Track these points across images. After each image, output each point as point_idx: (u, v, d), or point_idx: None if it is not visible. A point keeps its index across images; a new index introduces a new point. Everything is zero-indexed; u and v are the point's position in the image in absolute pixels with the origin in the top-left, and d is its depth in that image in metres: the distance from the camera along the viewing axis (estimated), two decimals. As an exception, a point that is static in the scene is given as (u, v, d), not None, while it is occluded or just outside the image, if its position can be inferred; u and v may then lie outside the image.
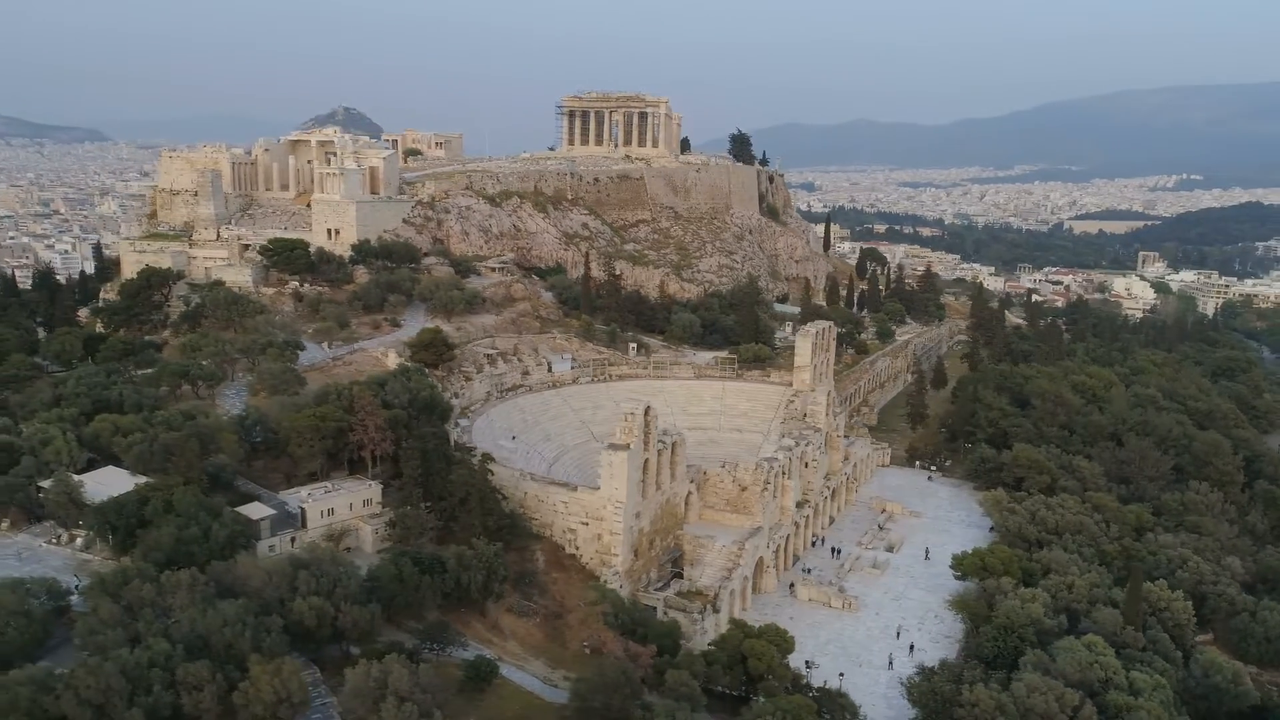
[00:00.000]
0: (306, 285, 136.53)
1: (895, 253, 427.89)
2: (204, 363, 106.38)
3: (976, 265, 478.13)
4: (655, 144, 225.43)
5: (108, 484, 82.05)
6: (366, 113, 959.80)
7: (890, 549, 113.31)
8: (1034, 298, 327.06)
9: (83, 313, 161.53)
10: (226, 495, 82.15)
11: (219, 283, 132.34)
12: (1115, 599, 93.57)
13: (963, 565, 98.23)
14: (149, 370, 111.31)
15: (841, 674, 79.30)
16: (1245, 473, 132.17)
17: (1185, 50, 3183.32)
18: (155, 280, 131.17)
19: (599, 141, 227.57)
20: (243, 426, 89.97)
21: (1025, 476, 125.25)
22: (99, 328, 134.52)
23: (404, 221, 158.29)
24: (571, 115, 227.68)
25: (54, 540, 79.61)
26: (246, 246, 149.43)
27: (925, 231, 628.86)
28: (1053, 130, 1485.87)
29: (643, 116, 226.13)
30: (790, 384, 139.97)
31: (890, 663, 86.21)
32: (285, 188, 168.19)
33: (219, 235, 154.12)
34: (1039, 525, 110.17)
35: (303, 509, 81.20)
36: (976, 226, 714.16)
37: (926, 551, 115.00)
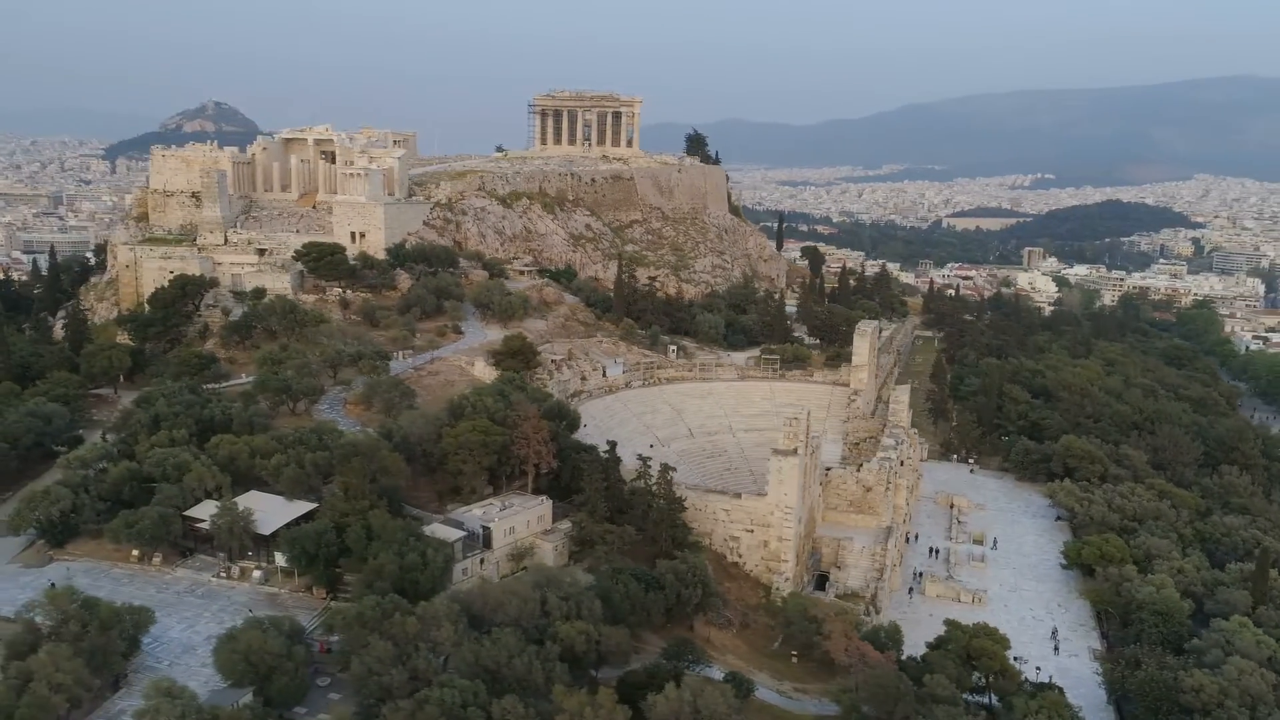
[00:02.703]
0: (349, 292, 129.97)
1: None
2: (290, 375, 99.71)
3: (882, 261, 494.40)
4: (630, 144, 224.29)
5: (267, 510, 76.30)
6: (239, 107, 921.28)
7: (978, 542, 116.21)
8: (949, 293, 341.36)
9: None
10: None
11: (260, 290, 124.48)
12: (1222, 579, 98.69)
13: (1081, 554, 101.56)
14: (214, 385, 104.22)
15: (1039, 668, 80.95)
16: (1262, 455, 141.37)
17: (1032, 57, 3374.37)
18: (190, 289, 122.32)
19: (571, 141, 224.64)
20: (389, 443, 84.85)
21: (1077, 466, 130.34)
22: (119, 339, 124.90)
23: (424, 224, 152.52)
24: (544, 114, 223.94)
25: (223, 574, 73.46)
26: (262, 251, 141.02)
27: (821, 229, 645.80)
28: (914, 131, 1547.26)
29: (616, 116, 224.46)
30: (834, 383, 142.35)
31: (1056, 650, 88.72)
32: (286, 188, 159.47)
33: (226, 239, 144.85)
34: (1118, 512, 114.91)
35: (488, 528, 77.39)
36: (864, 224, 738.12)
37: (994, 541, 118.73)
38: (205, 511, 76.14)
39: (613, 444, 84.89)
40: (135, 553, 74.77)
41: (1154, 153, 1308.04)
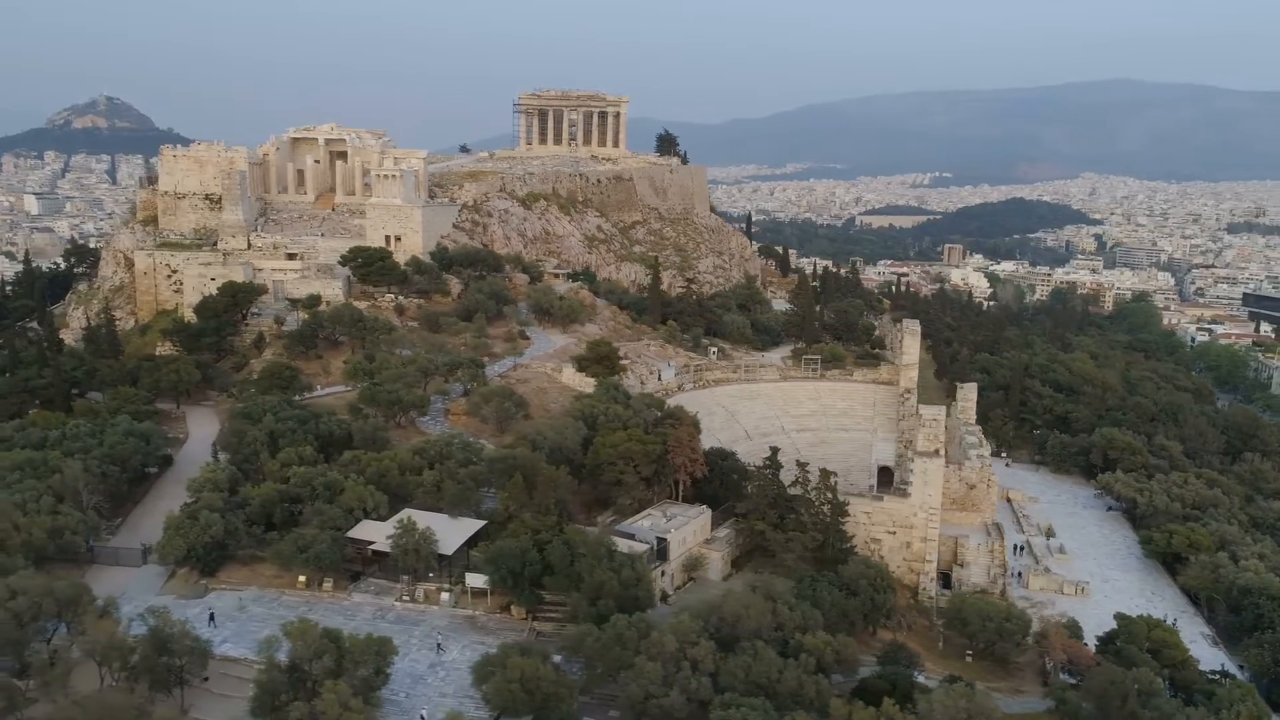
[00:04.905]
0: (400, 297, 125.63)
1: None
2: (398, 386, 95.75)
3: (815, 258, 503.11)
4: (617, 144, 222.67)
5: (436, 528, 72.95)
6: (133, 102, 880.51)
7: (1049, 535, 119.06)
8: (892, 289, 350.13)
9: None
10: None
11: (315, 298, 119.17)
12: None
13: (1171, 543, 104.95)
14: (298, 397, 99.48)
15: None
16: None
17: (927, 60, 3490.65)
18: (241, 298, 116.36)
19: (557, 141, 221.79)
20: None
21: (1118, 458, 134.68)
22: (159, 350, 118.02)
23: (454, 226, 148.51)
24: (528, 114, 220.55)
25: (406, 597, 70.04)
26: (292, 256, 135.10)
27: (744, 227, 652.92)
28: (815, 131, 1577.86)
29: (602, 116, 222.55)
30: (874, 381, 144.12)
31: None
32: (301, 189, 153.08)
33: (249, 244, 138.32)
34: (1178, 501, 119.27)
35: (663, 540, 75.82)
36: (784, 221, 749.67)
37: (1049, 531, 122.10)
38: (372, 532, 72.68)
39: (774, 450, 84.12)
40: (302, 578, 70.75)
41: (1042, 152, 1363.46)
